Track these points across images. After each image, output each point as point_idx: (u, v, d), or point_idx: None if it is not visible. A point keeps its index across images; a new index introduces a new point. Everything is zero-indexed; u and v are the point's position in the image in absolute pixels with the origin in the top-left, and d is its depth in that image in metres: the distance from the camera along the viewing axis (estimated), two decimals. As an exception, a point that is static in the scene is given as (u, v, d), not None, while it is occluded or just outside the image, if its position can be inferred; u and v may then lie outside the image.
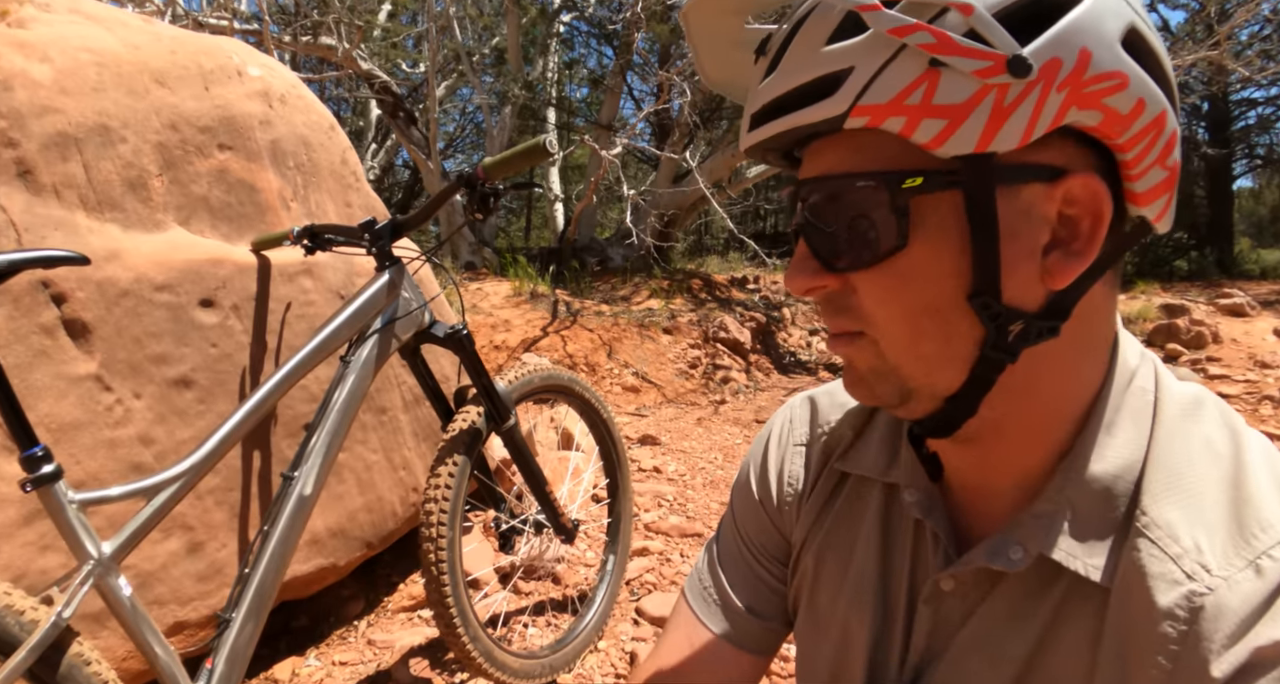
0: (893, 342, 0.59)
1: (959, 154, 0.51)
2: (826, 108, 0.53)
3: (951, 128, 0.50)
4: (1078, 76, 0.50)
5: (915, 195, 0.54)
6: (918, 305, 0.56)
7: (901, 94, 0.51)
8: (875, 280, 0.57)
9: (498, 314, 6.31)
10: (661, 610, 2.39)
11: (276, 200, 2.02)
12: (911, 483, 0.70)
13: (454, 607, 1.76)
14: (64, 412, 1.52)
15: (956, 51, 0.50)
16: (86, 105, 1.63)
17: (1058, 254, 0.55)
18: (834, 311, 0.61)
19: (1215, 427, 0.59)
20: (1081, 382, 0.60)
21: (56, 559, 1.48)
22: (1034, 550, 0.59)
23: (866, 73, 0.52)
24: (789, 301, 8.48)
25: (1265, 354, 5.99)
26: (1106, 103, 0.51)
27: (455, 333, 1.83)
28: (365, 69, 7.92)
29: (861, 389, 0.64)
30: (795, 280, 0.61)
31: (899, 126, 0.51)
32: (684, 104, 7.56)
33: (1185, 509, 0.55)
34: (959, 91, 0.50)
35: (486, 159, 1.60)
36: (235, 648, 1.38)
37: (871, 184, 0.55)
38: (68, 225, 1.56)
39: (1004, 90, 0.50)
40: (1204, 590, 0.51)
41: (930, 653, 0.67)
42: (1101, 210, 0.54)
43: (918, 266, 0.55)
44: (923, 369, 0.59)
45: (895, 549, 0.72)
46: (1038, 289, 0.55)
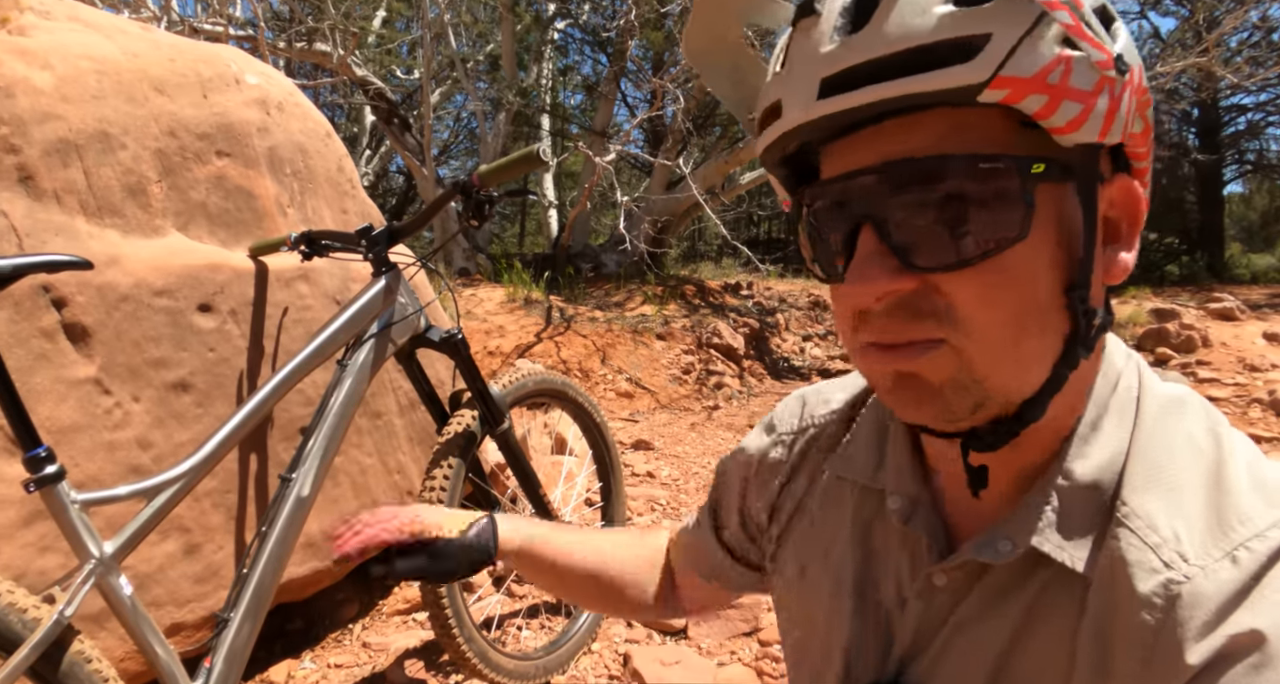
0: (988, 346, 0.53)
1: (1085, 141, 0.50)
2: (963, 74, 0.47)
3: (1085, 114, 0.49)
4: (1141, 85, 0.52)
5: (1040, 183, 0.50)
6: (1024, 303, 0.52)
7: (1045, 70, 0.47)
8: (978, 279, 0.51)
9: (492, 320, 6.32)
10: (655, 612, 2.41)
11: (274, 206, 2.04)
12: (897, 489, 0.69)
13: (449, 609, 1.78)
14: (64, 414, 1.54)
15: (1088, 38, 0.48)
16: (87, 112, 1.66)
17: (1111, 251, 0.56)
18: (908, 317, 0.54)
19: (1197, 423, 0.59)
20: (1090, 379, 0.60)
21: (56, 560, 1.50)
22: (1022, 543, 0.58)
23: (1008, 41, 0.47)
24: (782, 307, 8.51)
25: (1254, 358, 6.03)
26: (1147, 114, 0.54)
27: (450, 337, 1.85)
28: (360, 75, 7.95)
29: (932, 407, 0.56)
30: (870, 284, 0.53)
31: (1039, 105, 0.48)
32: (677, 111, 7.58)
33: (1165, 500, 0.55)
34: (1088, 78, 0.48)
35: (481, 166, 1.62)
36: (234, 647, 1.40)
37: (1000, 166, 0.50)
38: (68, 231, 1.58)
39: (1113, 84, 0.49)
40: (1181, 579, 0.51)
41: (917, 646, 0.67)
42: (1138, 209, 0.56)
43: (1026, 261, 0.51)
44: (1014, 375, 0.54)
45: (880, 550, 0.72)
46: (1100, 284, 0.56)
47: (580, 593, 1.04)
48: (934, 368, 0.54)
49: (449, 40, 9.01)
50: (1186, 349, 6.62)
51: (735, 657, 2.24)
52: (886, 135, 0.52)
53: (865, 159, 0.53)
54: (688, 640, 2.32)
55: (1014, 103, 0.48)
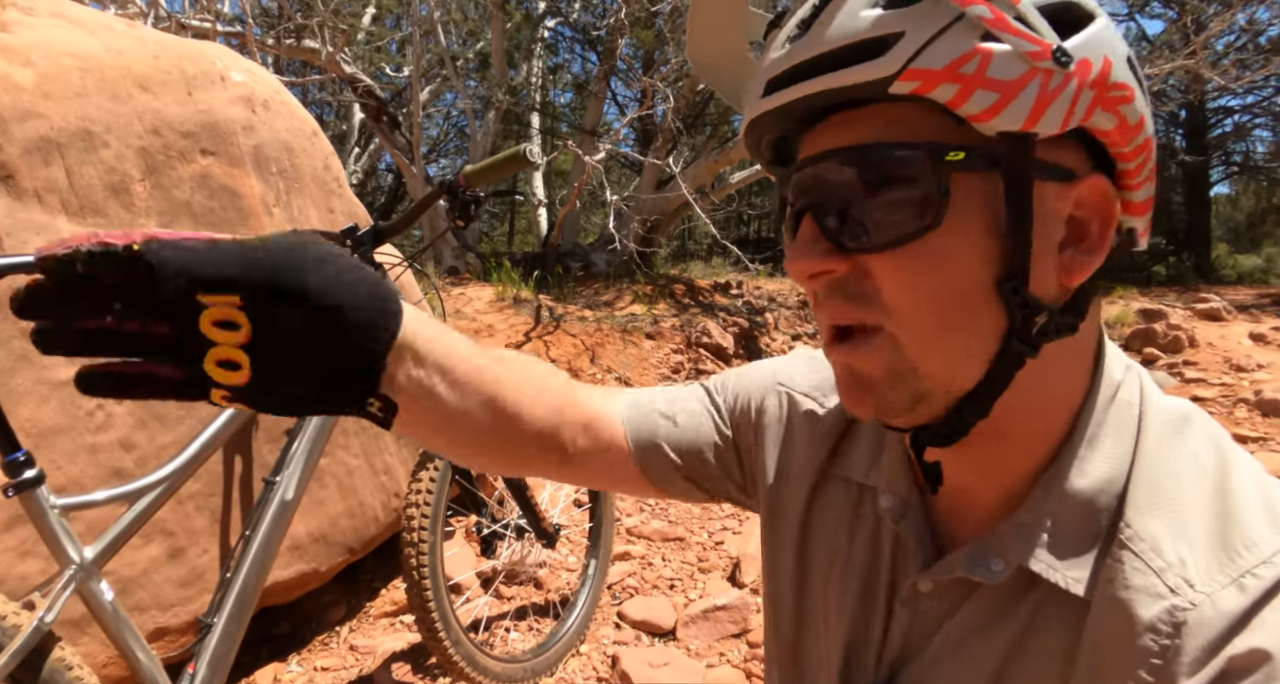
0: (917, 333, 0.55)
1: (1006, 129, 0.51)
2: (874, 68, 0.51)
3: (1004, 101, 0.50)
4: (1102, 80, 0.52)
5: (956, 171, 0.52)
6: (947, 291, 0.54)
7: (956, 62, 0.50)
8: (900, 263, 0.54)
9: (481, 319, 6.30)
10: (643, 614, 2.41)
11: (259, 206, 2.02)
12: (889, 488, 0.69)
13: (436, 612, 1.77)
14: (45, 417, 1.52)
15: (1011, 30, 0.50)
16: (69, 110, 1.64)
17: (1071, 252, 0.55)
18: (841, 300, 0.57)
19: (1201, 443, 0.59)
20: (1073, 389, 0.60)
21: (37, 565, 1.48)
22: (1014, 562, 0.58)
23: (919, 38, 0.50)
24: (772, 307, 8.51)
25: (1241, 358, 6.06)
26: (1121, 109, 0.53)
27: (437, 338, 1.84)
28: (349, 73, 7.91)
29: (869, 399, 0.59)
30: (801, 262, 0.57)
31: (951, 94, 0.50)
32: (667, 110, 7.57)
33: (1169, 522, 0.54)
34: (1010, 69, 0.50)
35: (468, 167, 1.61)
36: (217, 653, 1.39)
37: (910, 154, 0.52)
38: (49, 230, 1.56)
39: (1049, 76, 0.50)
40: (1187, 606, 0.51)
41: (906, 653, 0.66)
42: (1110, 211, 0.55)
43: (949, 248, 0.53)
44: (944, 364, 0.55)
45: (876, 549, 0.71)
46: (1054, 283, 0.55)
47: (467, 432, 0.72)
48: (873, 358, 0.57)
49: (438, 38, 8.97)
50: (1173, 349, 6.66)
51: (724, 658, 2.24)
52: (833, 130, 0.56)
53: (816, 148, 0.57)
54: (676, 642, 2.32)
55: (925, 93, 0.50)
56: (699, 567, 2.78)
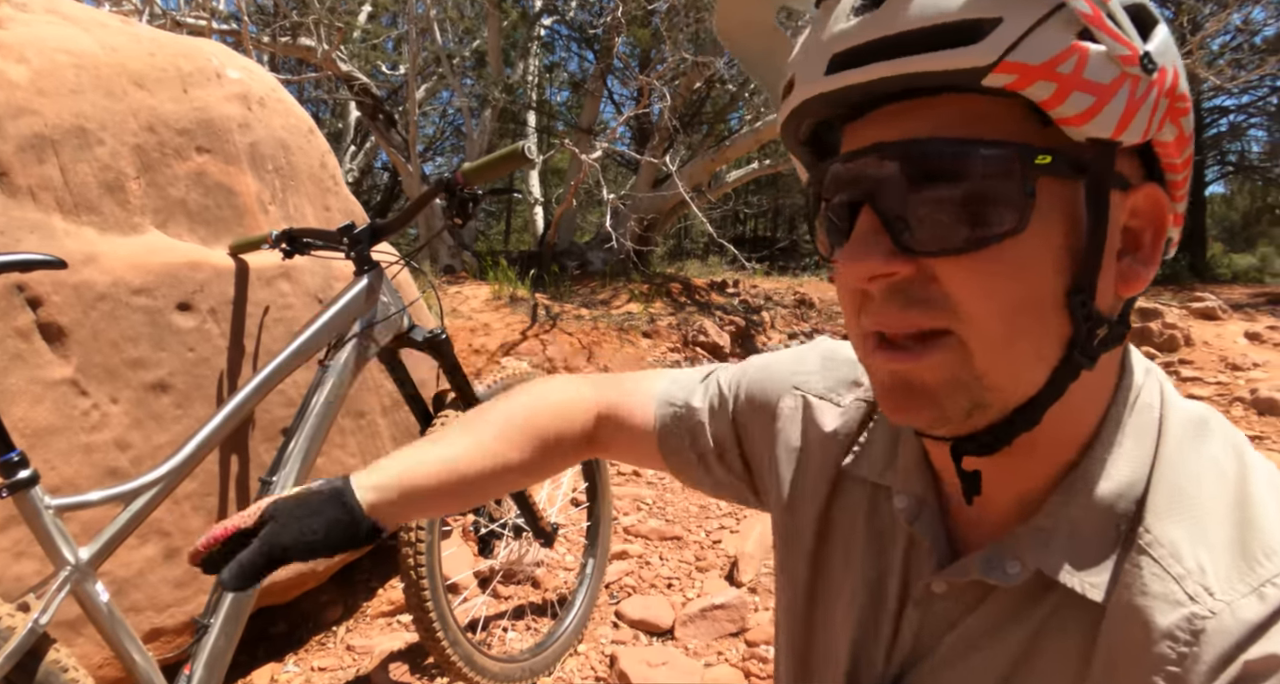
0: (987, 342, 0.52)
1: (1098, 137, 0.48)
2: (968, 55, 0.46)
3: (1099, 106, 0.47)
4: (1174, 89, 0.50)
5: (1043, 175, 0.49)
6: (1024, 299, 0.51)
7: (1055, 59, 0.46)
8: (976, 267, 0.50)
9: (477, 318, 6.29)
10: (641, 613, 2.40)
11: (255, 204, 2.01)
12: (904, 488, 0.69)
13: (433, 611, 1.76)
14: (39, 416, 1.51)
15: (1107, 30, 0.47)
16: (63, 107, 1.62)
17: (1129, 260, 0.54)
18: (903, 304, 0.53)
19: (1221, 447, 0.58)
20: (1101, 394, 0.59)
21: (32, 565, 1.47)
22: (1031, 566, 0.57)
23: (1019, 26, 0.46)
24: (768, 305, 8.51)
25: (1236, 357, 6.07)
26: (1182, 122, 0.52)
27: (434, 337, 1.83)
28: (345, 71, 7.89)
29: (926, 411, 0.55)
30: (862, 263, 0.52)
31: (1047, 93, 0.47)
32: (664, 109, 7.56)
33: (1189, 529, 0.53)
34: (1104, 72, 0.47)
35: (465, 164, 1.60)
36: (214, 654, 1.37)
37: (1000, 153, 0.49)
38: (44, 228, 1.55)
39: (1136, 82, 0.48)
40: (1206, 614, 0.50)
41: (916, 653, 0.66)
42: (1163, 221, 0.54)
43: (1026, 255, 0.50)
44: (1010, 374, 0.53)
45: (888, 549, 0.71)
46: (1111, 294, 0.54)
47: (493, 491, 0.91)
48: (938, 366, 0.53)
49: (435, 36, 8.94)
50: (1169, 348, 6.66)
51: (722, 657, 2.23)
52: (898, 117, 0.52)
53: (874, 138, 0.53)
54: (674, 641, 2.31)
55: (1020, 89, 0.47)
56: (697, 565, 2.77)
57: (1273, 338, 6.81)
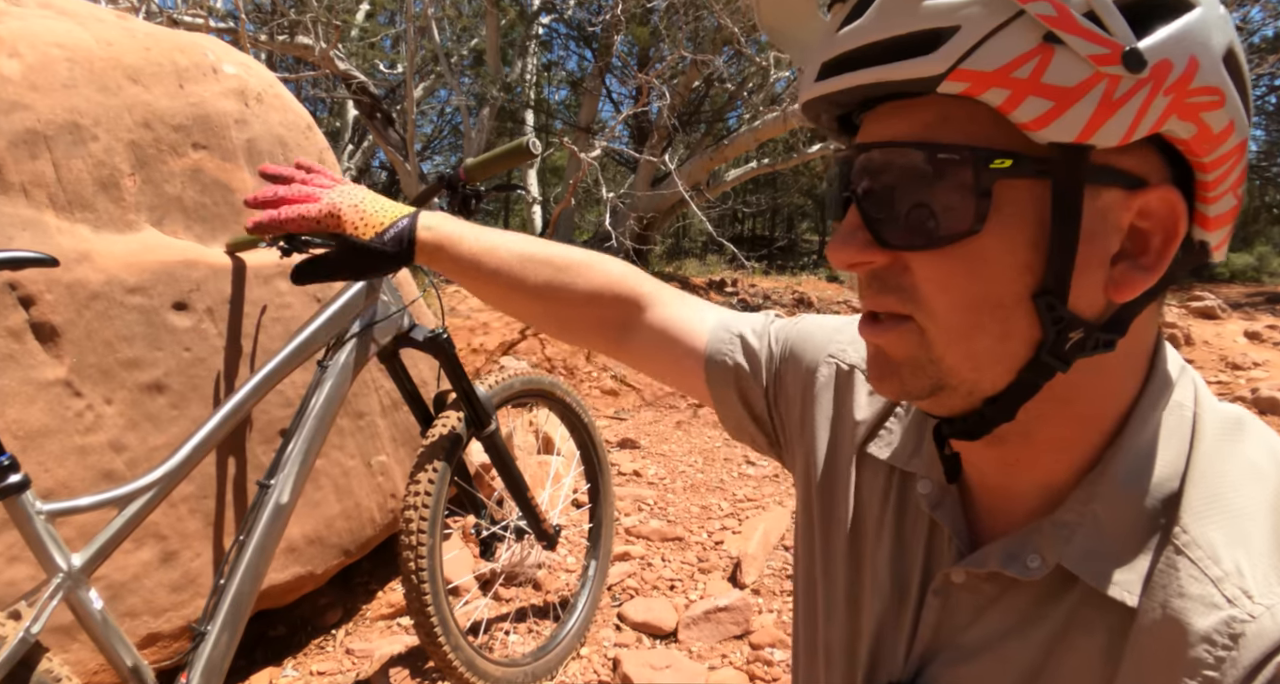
0: (944, 331, 0.55)
1: (1058, 141, 0.48)
2: (922, 65, 0.49)
3: (1058, 110, 0.47)
4: (1184, 84, 0.48)
5: (1002, 178, 0.50)
6: (981, 296, 0.53)
7: (1010, 65, 0.47)
8: (937, 263, 0.53)
9: (476, 317, 6.26)
10: (643, 615, 2.37)
11: (252, 201, 1.98)
12: (928, 474, 0.69)
13: (435, 615, 1.73)
14: (32, 418, 1.47)
15: (1076, 30, 0.46)
16: (57, 102, 1.59)
17: (1125, 265, 0.52)
18: (879, 289, 0.57)
19: (1257, 449, 0.57)
20: (1119, 393, 0.58)
21: (24, 570, 1.44)
22: (1052, 560, 0.57)
23: (974, 35, 0.47)
24: (767, 304, 8.49)
25: (1236, 356, 6.06)
26: (1204, 117, 0.49)
27: (435, 337, 1.80)
28: (343, 69, 7.86)
29: (891, 382, 0.60)
30: (841, 252, 0.57)
31: (1000, 99, 0.48)
32: (662, 107, 7.55)
33: (1227, 530, 0.52)
34: (1071, 74, 0.47)
35: (468, 160, 1.57)
36: (211, 661, 1.35)
37: (955, 157, 0.51)
38: (36, 225, 1.52)
39: (1115, 82, 0.47)
40: (1246, 617, 0.49)
41: (936, 644, 0.66)
42: (1176, 227, 0.52)
43: (989, 255, 0.52)
44: (970, 365, 0.55)
45: (910, 536, 0.71)
46: (1099, 298, 0.53)
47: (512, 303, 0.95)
48: (898, 344, 0.57)
49: (433, 34, 8.92)
50: (1170, 348, 6.66)
51: (726, 660, 2.21)
52: (889, 117, 0.55)
53: (867, 137, 0.57)
54: (678, 644, 2.29)
55: (975, 95, 0.48)
56: (699, 567, 2.74)
57: (1272, 337, 6.81)
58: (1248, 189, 15.28)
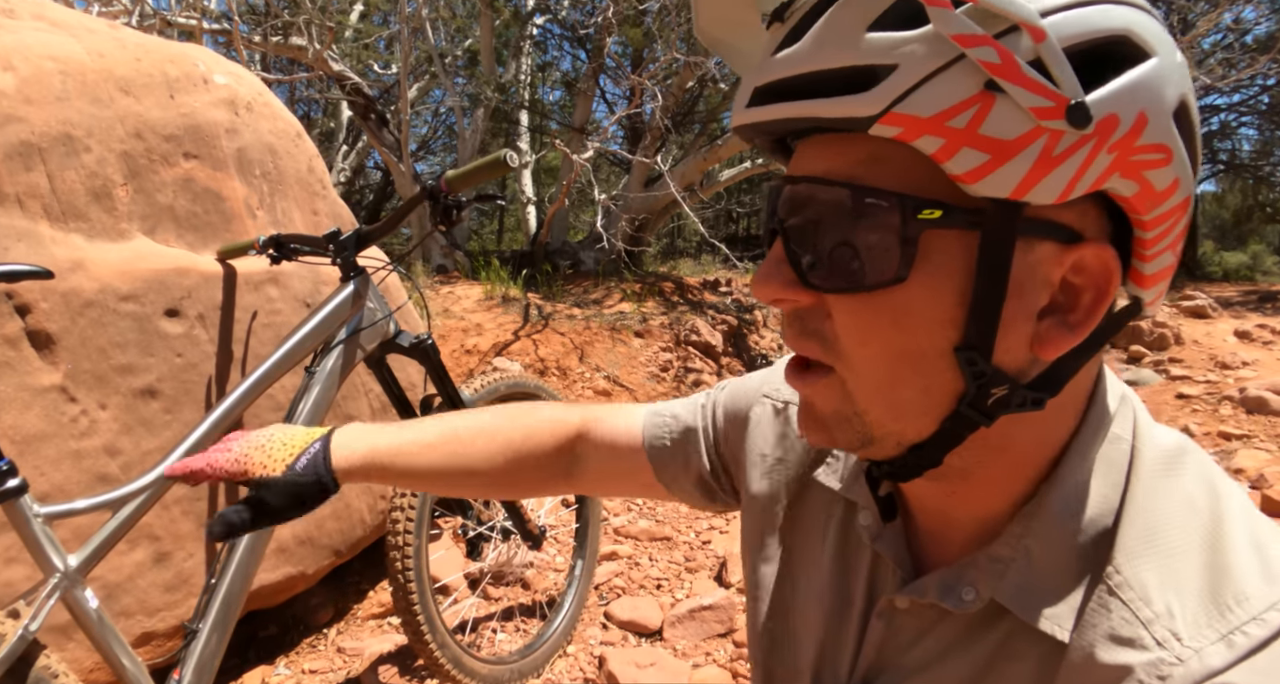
0: (864, 383, 0.53)
1: (992, 196, 0.46)
2: (855, 104, 0.46)
3: (993, 165, 0.45)
4: (1130, 141, 0.46)
5: (929, 228, 0.48)
6: (902, 347, 0.51)
7: (947, 112, 0.44)
8: (858, 311, 0.51)
9: (469, 318, 6.29)
10: (630, 614, 2.41)
11: (243, 209, 2.02)
12: (868, 505, 0.68)
13: (421, 614, 1.77)
14: (28, 423, 1.51)
15: (1020, 80, 0.43)
16: (50, 114, 1.63)
17: (1052, 321, 0.51)
18: (800, 331, 0.55)
19: (1195, 483, 0.56)
20: (1055, 431, 0.57)
21: (21, 571, 1.48)
22: (985, 594, 0.57)
23: (913, 76, 0.44)
24: (761, 305, 8.52)
25: (1226, 355, 6.09)
26: (1147, 175, 0.47)
27: (420, 343, 1.84)
28: (337, 70, 7.87)
29: (819, 433, 0.58)
30: (763, 287, 0.54)
31: (934, 148, 0.45)
32: (656, 108, 7.56)
33: (1160, 571, 0.52)
34: (1010, 126, 0.44)
35: (449, 172, 1.61)
36: (202, 658, 1.39)
37: (883, 204, 0.48)
38: (31, 236, 1.56)
39: (1056, 137, 0.44)
40: (1174, 660, 0.49)
41: (878, 666, 0.66)
42: (1108, 285, 0.50)
43: (912, 305, 0.50)
44: (892, 416, 0.54)
45: (854, 559, 0.71)
46: (1024, 353, 0.51)
47: (457, 490, 0.99)
48: (821, 397, 0.56)
49: (427, 35, 8.93)
50: (1159, 347, 6.70)
51: (710, 658, 2.25)
52: (820, 148, 0.53)
53: (797, 169, 0.54)
54: (663, 642, 2.33)
55: (908, 141, 0.46)
56: (686, 566, 2.79)
57: (1262, 336, 6.85)
58: (1240, 188, 15.13)
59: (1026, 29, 0.44)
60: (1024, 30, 0.44)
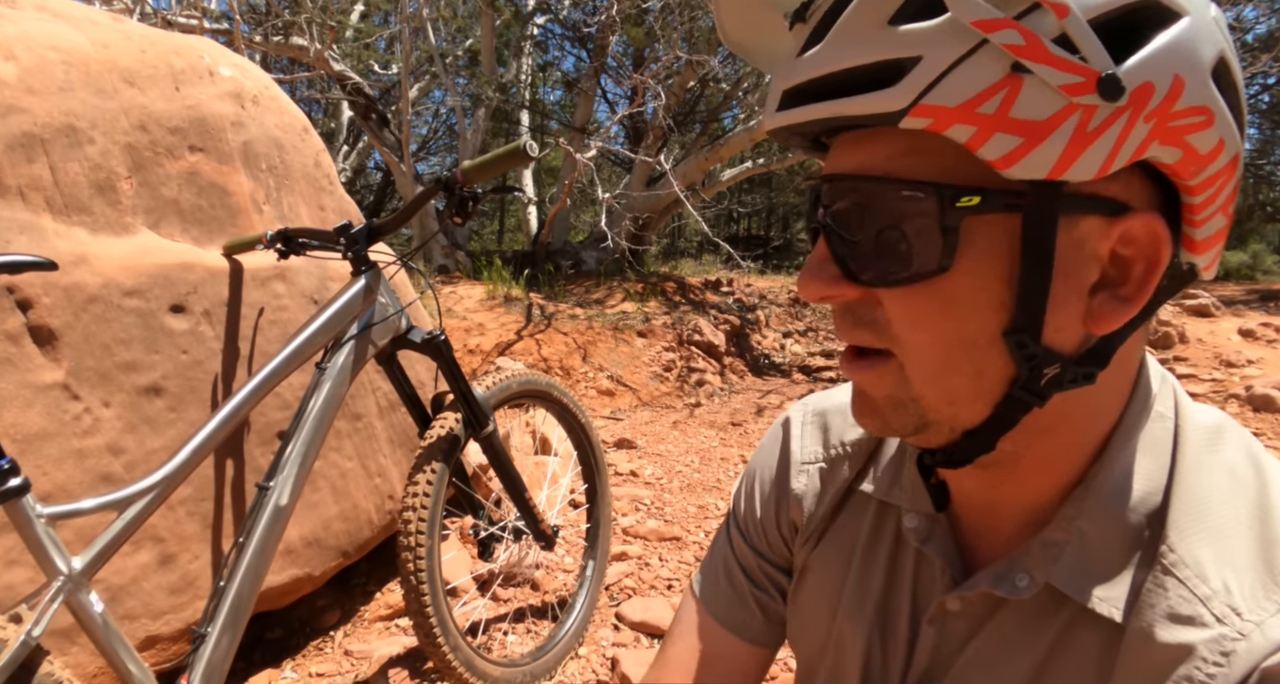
0: (921, 367, 0.53)
1: (1029, 178, 0.46)
2: (882, 100, 0.46)
3: (1026, 147, 0.44)
4: (1167, 107, 0.45)
5: (969, 215, 0.48)
6: (953, 335, 0.51)
7: (975, 99, 0.44)
8: (907, 301, 0.51)
9: (471, 318, 6.27)
10: (641, 615, 2.38)
11: (249, 203, 1.98)
12: (913, 507, 0.68)
13: (434, 616, 1.74)
14: (30, 421, 1.47)
15: (1046, 59, 0.43)
16: (53, 105, 1.59)
17: (1104, 296, 0.50)
18: (853, 323, 0.55)
19: (1239, 456, 0.56)
20: (1104, 413, 0.57)
21: (23, 574, 1.44)
22: (1041, 579, 0.57)
23: (937, 66, 0.45)
24: (763, 304, 8.50)
25: (1230, 354, 6.08)
26: (1189, 139, 0.46)
27: (433, 338, 1.80)
28: (337, 70, 7.85)
29: (874, 419, 0.58)
30: (810, 285, 0.54)
31: (965, 136, 0.45)
32: (658, 107, 7.55)
33: (1213, 546, 0.52)
34: (1041, 106, 0.44)
35: (465, 162, 1.57)
36: (211, 663, 1.35)
37: (920, 195, 0.48)
38: (33, 229, 1.52)
39: (1090, 112, 0.44)
40: (1236, 636, 0.49)
41: (931, 673, 0.65)
42: (1159, 255, 0.49)
43: (959, 293, 0.50)
44: (946, 401, 0.54)
45: (897, 567, 0.70)
46: (1077, 331, 0.50)
47: None
48: (879, 383, 0.56)
49: (428, 35, 8.91)
50: (1163, 345, 6.68)
51: (724, 661, 2.21)
52: (855, 145, 0.52)
53: (833, 166, 0.54)
54: (676, 645, 2.29)
55: (939, 131, 0.46)
56: (696, 567, 2.75)
57: (1266, 334, 6.83)
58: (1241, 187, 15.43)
59: (1049, 6, 0.43)
60: (1046, 7, 0.43)
